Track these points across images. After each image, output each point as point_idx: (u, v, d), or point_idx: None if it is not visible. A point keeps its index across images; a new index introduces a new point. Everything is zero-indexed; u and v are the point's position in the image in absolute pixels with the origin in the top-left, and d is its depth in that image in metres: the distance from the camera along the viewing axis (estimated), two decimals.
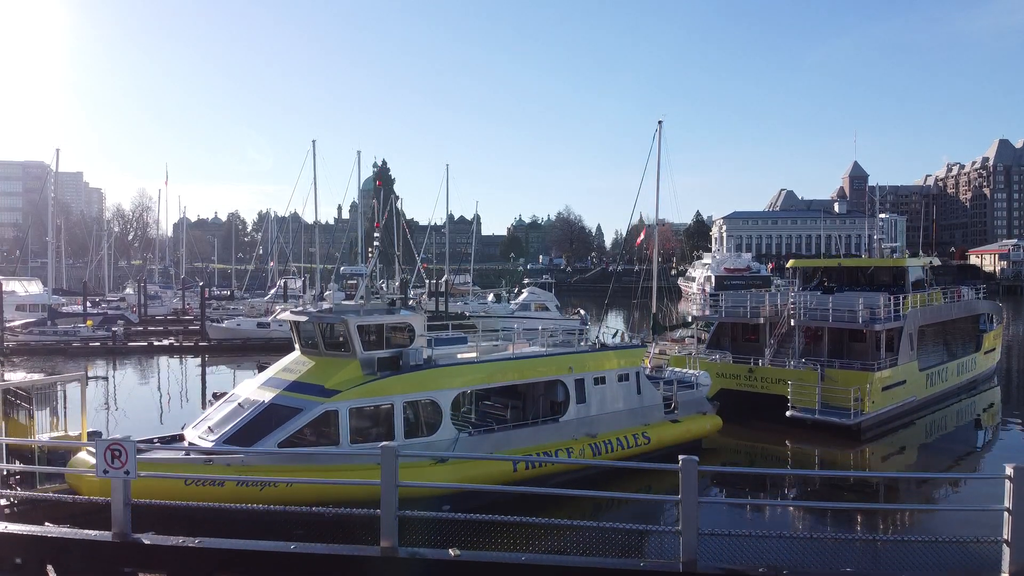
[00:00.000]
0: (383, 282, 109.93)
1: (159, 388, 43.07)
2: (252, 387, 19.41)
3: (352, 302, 20.78)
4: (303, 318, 19.59)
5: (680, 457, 9.20)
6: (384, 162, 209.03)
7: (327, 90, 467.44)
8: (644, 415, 24.81)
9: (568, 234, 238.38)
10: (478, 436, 20.29)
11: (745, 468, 7.94)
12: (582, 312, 76.13)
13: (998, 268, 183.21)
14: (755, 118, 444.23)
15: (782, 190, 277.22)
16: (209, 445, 17.26)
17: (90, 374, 49.83)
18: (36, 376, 47.41)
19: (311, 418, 17.58)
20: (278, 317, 20.72)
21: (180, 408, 35.09)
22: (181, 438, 18.67)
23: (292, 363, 19.93)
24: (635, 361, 25.02)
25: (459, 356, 22.14)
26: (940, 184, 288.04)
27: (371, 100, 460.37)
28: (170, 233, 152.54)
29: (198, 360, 54.85)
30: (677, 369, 29.90)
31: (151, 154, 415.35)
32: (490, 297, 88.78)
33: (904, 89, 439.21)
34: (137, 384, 43.76)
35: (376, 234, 22.26)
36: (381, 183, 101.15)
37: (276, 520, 16.07)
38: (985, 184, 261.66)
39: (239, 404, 18.60)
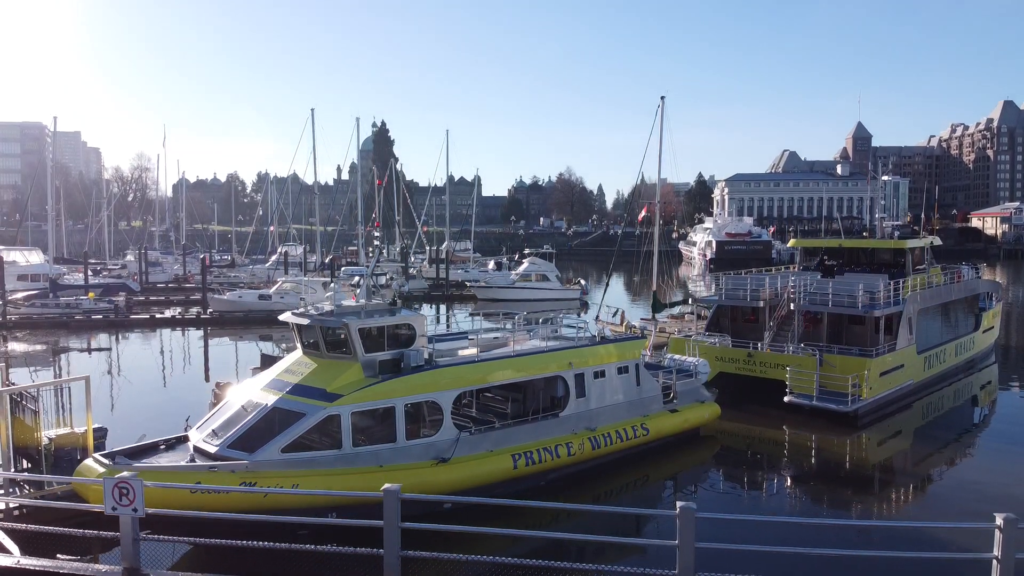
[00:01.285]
0: (383, 248, 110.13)
1: (162, 371, 42.77)
2: (255, 388, 19.55)
3: (353, 302, 20.80)
4: (304, 320, 19.68)
5: (678, 504, 9.35)
6: (383, 123, 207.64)
7: (326, 49, 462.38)
8: (643, 406, 25.03)
9: (569, 196, 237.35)
10: (479, 434, 20.50)
11: (744, 515, 8.02)
12: (582, 282, 76.39)
13: (999, 231, 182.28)
14: (760, 76, 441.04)
15: (785, 151, 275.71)
16: (214, 449, 17.45)
17: (93, 346, 50.24)
18: (39, 347, 48.02)
19: (314, 423, 17.77)
20: (279, 318, 20.68)
21: (183, 393, 34.98)
22: (185, 439, 18.88)
23: (294, 364, 20.05)
24: (635, 353, 25.14)
25: (460, 353, 22.29)
26: (944, 145, 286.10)
27: (371, 59, 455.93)
28: (169, 194, 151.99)
29: (200, 333, 55.04)
30: (677, 356, 30.00)
31: (149, 111, 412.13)
32: (491, 265, 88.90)
33: (910, 48, 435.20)
34: (140, 365, 43.33)
35: (376, 233, 22.22)
36: (382, 182, 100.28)
37: (280, 529, 16.37)
38: (989, 146, 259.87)
39: (242, 406, 18.76)
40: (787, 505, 22.40)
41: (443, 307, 72.44)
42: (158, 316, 58.84)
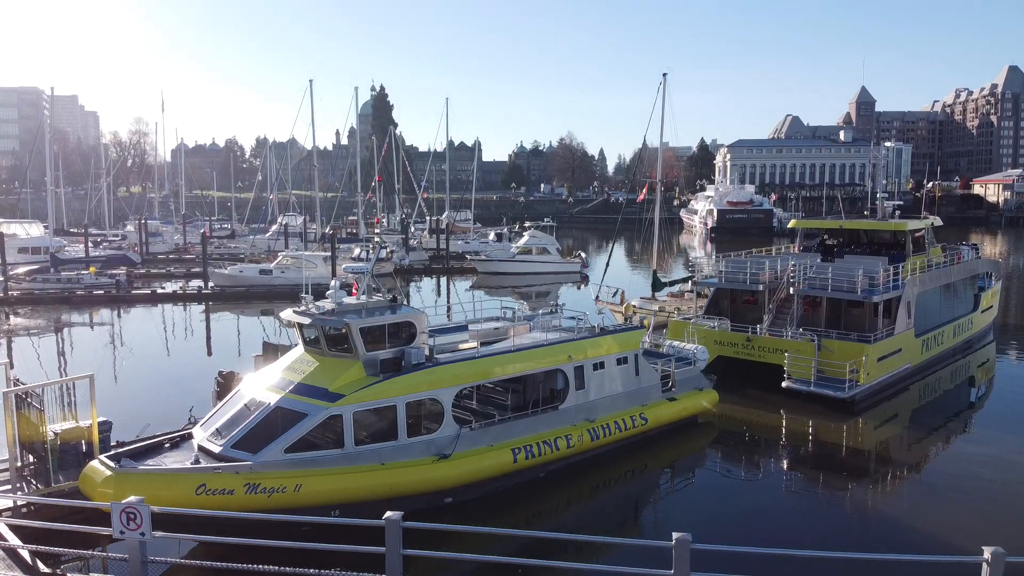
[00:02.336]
0: (383, 216, 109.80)
1: (165, 351, 42.18)
2: (258, 386, 19.67)
3: (354, 299, 20.85)
4: (306, 320, 19.76)
5: (674, 535, 9.54)
6: (382, 87, 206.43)
7: (325, 11, 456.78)
8: (642, 396, 25.22)
9: (570, 162, 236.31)
10: (480, 430, 20.72)
11: (741, 547, 8.16)
12: (583, 255, 76.44)
13: (1001, 199, 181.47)
14: (764, 37, 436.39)
15: (788, 116, 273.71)
16: (218, 449, 17.65)
17: (96, 321, 50.48)
18: (42, 325, 48.23)
19: (316, 423, 17.95)
20: (281, 315, 20.77)
21: (187, 377, 34.67)
22: (189, 436, 19.09)
23: (296, 362, 20.17)
24: (634, 344, 25.25)
25: (460, 347, 22.40)
26: (947, 110, 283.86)
27: (370, 21, 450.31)
28: (168, 159, 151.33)
29: (202, 307, 55.13)
30: (676, 343, 30.13)
31: (145, 72, 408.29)
32: (491, 236, 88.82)
33: (915, 11, 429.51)
34: (143, 345, 42.86)
35: (377, 230, 22.17)
36: (381, 178, 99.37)
37: (285, 530, 16.67)
38: (993, 111, 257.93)
39: (246, 405, 18.93)
40: (782, 496, 22.78)
41: (443, 280, 72.59)
42: (159, 291, 59.00)
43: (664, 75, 44.72)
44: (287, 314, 20.55)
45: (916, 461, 25.62)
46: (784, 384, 30.40)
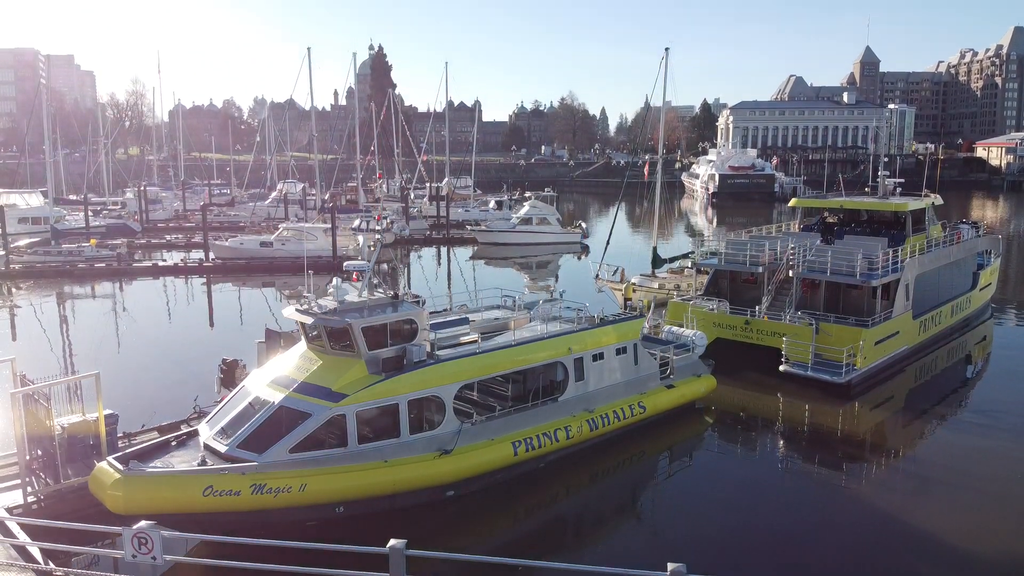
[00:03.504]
0: (382, 183, 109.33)
1: (168, 330, 42.14)
2: (261, 384, 19.86)
3: (356, 297, 20.94)
4: (309, 319, 19.89)
5: (669, 566, 9.79)
6: (380, 47, 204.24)
7: None
8: (640, 384, 25.46)
9: (571, 123, 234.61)
10: (480, 424, 20.98)
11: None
12: (583, 225, 76.39)
13: (1004, 162, 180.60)
14: None
15: (791, 76, 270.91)
16: (224, 449, 17.91)
17: (97, 294, 50.71)
18: (43, 296, 48.50)
19: (320, 423, 18.18)
20: (283, 313, 20.94)
21: (189, 359, 34.56)
22: (195, 434, 19.36)
23: (300, 359, 20.34)
24: (633, 333, 25.43)
25: (461, 340, 22.58)
26: (952, 72, 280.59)
27: None
28: (166, 119, 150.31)
29: (203, 280, 55.19)
30: (674, 328, 30.32)
31: (142, 27, 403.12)
32: (491, 204, 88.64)
33: None
34: (145, 324, 42.53)
35: (377, 227, 22.20)
36: (382, 175, 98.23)
37: (288, 528, 17.06)
38: (997, 73, 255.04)
39: (250, 403, 19.14)
40: (778, 484, 23.11)
41: (444, 250, 72.66)
42: (160, 264, 59.11)
43: (667, 49, 44.36)
44: (289, 312, 20.67)
45: (910, 446, 26.02)
46: (782, 368, 30.64)
